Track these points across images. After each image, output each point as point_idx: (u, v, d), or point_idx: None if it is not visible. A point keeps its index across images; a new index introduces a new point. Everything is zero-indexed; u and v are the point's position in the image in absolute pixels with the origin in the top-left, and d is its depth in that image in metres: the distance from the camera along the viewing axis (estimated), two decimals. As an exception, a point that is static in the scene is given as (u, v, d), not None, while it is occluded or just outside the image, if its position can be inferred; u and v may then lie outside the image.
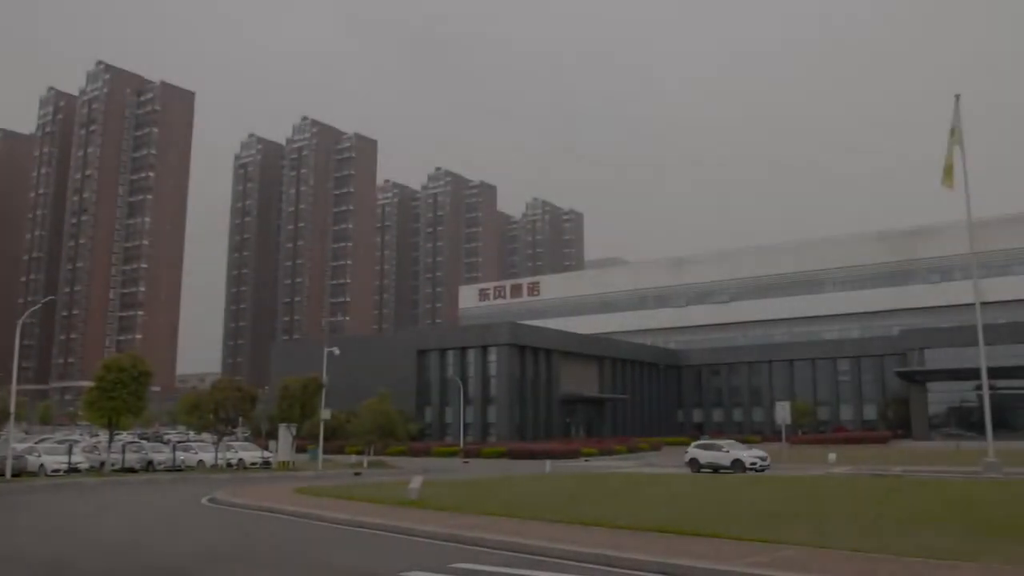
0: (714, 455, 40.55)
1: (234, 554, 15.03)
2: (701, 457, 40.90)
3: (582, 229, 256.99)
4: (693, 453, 41.72)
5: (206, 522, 20.52)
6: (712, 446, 42.26)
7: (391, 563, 13.40)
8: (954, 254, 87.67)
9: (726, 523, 16.25)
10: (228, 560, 14.27)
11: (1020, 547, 12.94)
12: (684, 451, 44.45)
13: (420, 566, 12.87)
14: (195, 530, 18.86)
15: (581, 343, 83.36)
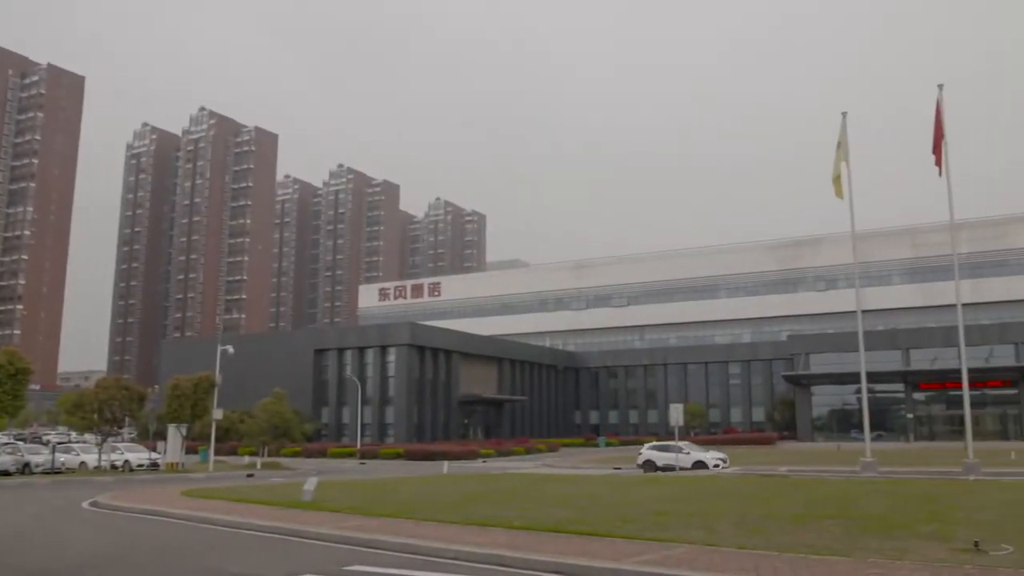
0: (673, 456, 39.54)
1: (115, 560, 14.41)
2: (658, 459, 39.91)
3: (484, 231, 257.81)
4: (648, 455, 40.64)
5: (86, 527, 19.62)
6: (670, 447, 41.17)
7: (282, 566, 13.12)
8: (839, 264, 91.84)
9: (621, 523, 16.53)
10: (108, 566, 13.69)
11: (892, 542, 13.61)
12: (577, 452, 44.79)
13: (313, 569, 12.64)
14: (73, 535, 18.01)
15: (481, 344, 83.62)
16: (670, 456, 39.71)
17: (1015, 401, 73.00)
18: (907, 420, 74.75)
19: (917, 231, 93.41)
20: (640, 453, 41.83)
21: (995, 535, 14.14)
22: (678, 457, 39.40)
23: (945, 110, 33.64)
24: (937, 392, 75.70)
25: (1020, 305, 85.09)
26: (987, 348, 73.45)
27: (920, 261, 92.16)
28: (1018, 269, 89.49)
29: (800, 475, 33.08)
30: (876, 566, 11.63)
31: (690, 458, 39.41)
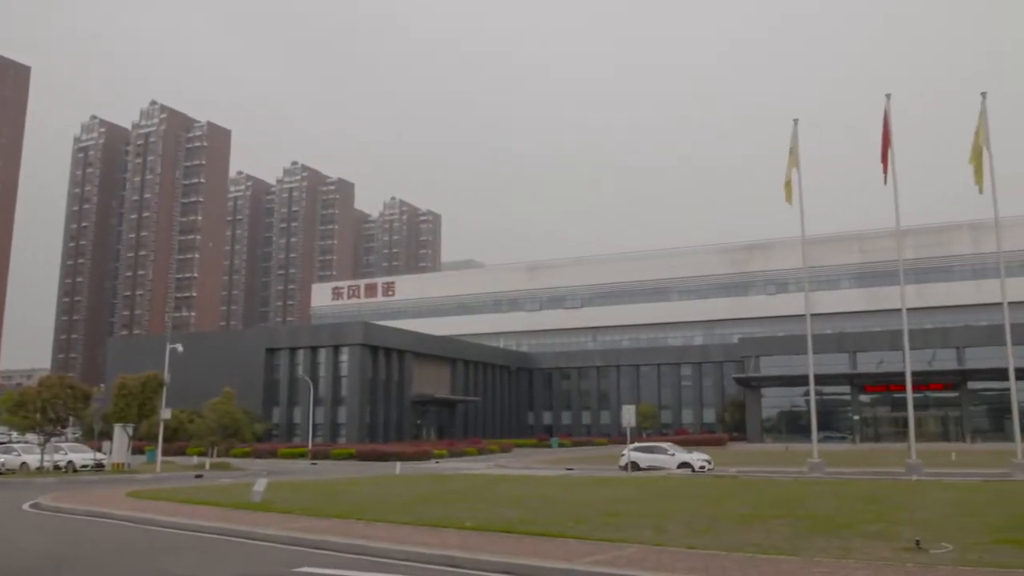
0: (657, 458, 39.43)
1: (56, 563, 14.07)
2: (641, 460, 39.50)
3: (440, 231, 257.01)
4: (632, 456, 40.05)
5: (26, 530, 19.15)
6: (654, 448, 41.10)
7: (230, 568, 12.95)
8: (789, 268, 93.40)
9: (573, 523, 16.61)
10: (49, 570, 13.36)
11: (837, 541, 13.88)
12: (530, 452, 44.70)
13: (261, 571, 12.50)
14: (13, 538, 17.56)
15: (435, 344, 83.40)
16: (654, 457, 39.52)
17: (956, 404, 74.88)
18: (853, 422, 76.26)
19: (865, 237, 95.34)
20: (622, 455, 41.24)
21: (936, 534, 14.51)
22: (663, 459, 39.18)
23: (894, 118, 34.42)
24: (882, 394, 77.36)
25: (961, 310, 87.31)
26: (930, 352, 75.21)
27: (868, 266, 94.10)
28: (959, 275, 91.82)
29: (749, 476, 33.55)
30: (822, 565, 11.86)
31: (675, 459, 39.12)
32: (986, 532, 14.90)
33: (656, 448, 41.14)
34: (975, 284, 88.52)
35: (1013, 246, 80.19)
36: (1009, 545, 13.31)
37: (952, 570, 11.43)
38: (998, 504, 19.95)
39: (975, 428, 73.42)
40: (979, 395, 74.95)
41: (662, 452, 40.10)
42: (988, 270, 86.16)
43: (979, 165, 32.80)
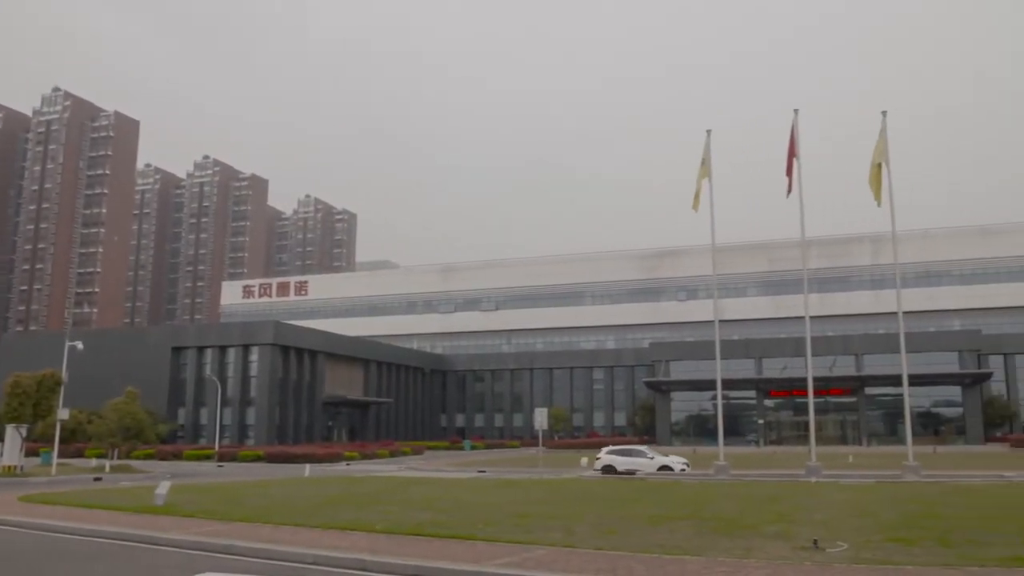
0: (636, 461, 38.65)
1: (-58, 569, 13.39)
2: (618, 464, 38.68)
3: (355, 230, 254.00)
4: (608, 460, 39.24)
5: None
6: (632, 452, 40.42)
7: (130, 575, 12.53)
8: (699, 275, 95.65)
9: (483, 526, 16.64)
10: (-66, 576, 12.72)
11: (740, 541, 14.28)
12: (442, 455, 44.50)
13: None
14: None
15: (348, 345, 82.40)
16: (633, 461, 38.71)
17: (854, 408, 77.88)
18: (758, 425, 78.51)
19: (772, 246, 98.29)
20: (598, 457, 40.30)
21: (832, 533, 15.09)
22: (642, 462, 38.57)
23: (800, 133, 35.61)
24: (785, 399, 79.87)
25: (861, 319, 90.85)
26: (831, 358, 78.04)
27: (774, 275, 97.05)
28: (859, 285, 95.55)
29: (658, 478, 34.18)
30: (724, 565, 12.19)
31: (654, 463, 38.50)
32: (879, 531, 15.56)
33: (634, 451, 40.36)
34: (874, 294, 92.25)
35: (909, 259, 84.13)
36: (899, 543, 13.94)
37: (846, 568, 11.91)
38: (890, 504, 20.84)
39: (871, 432, 76.51)
40: (875, 400, 78.13)
41: (641, 455, 39.32)
42: (886, 281, 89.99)
43: (878, 180, 34.22)
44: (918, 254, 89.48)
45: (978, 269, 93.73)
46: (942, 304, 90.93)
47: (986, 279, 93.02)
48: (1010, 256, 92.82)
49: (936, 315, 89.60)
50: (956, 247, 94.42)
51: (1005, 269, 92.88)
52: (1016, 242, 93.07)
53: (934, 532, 15.28)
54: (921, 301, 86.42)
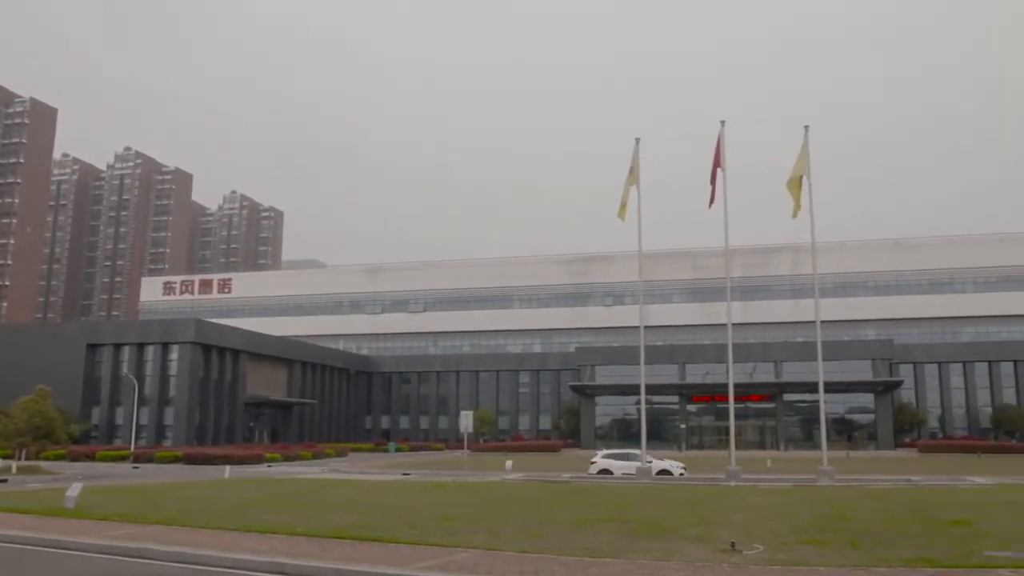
0: (632, 464, 37.62)
1: None
2: (615, 467, 37.92)
3: (281, 228, 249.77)
4: (604, 464, 38.41)
5: None
6: (628, 456, 39.69)
7: (37, 579, 12.08)
8: (626, 281, 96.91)
9: (407, 528, 16.56)
10: None
11: (661, 544, 14.52)
12: (367, 457, 44.01)
13: (72, 581, 11.73)
14: None
15: (272, 345, 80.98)
16: (630, 465, 37.67)
17: (773, 414, 79.92)
18: (680, 430, 79.91)
19: (698, 254, 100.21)
20: (593, 461, 39.34)
21: (750, 536, 15.46)
22: (638, 465, 37.39)
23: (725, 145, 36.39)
24: (707, 404, 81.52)
25: (781, 327, 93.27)
26: (751, 365, 79.98)
27: (699, 282, 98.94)
28: (779, 294, 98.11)
29: (581, 481, 34.47)
30: (645, 567, 12.38)
31: (652, 467, 37.41)
32: (793, 533, 16.00)
33: (631, 455, 39.44)
34: (793, 303, 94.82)
35: (826, 269, 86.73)
36: (812, 545, 14.37)
37: (761, 569, 12.23)
38: (805, 507, 21.44)
39: (788, 437, 78.63)
40: (793, 406, 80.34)
41: (638, 459, 37.82)
42: (805, 290, 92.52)
43: (797, 192, 35.24)
44: (835, 265, 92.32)
45: (891, 281, 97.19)
46: (857, 314, 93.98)
47: (899, 291, 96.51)
48: (921, 269, 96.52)
49: (851, 325, 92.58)
50: (871, 260, 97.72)
51: (916, 282, 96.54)
52: (926, 256, 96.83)
53: (845, 534, 15.78)
54: (837, 311, 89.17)
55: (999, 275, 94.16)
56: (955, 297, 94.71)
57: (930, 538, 15.31)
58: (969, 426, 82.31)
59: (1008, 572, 12.01)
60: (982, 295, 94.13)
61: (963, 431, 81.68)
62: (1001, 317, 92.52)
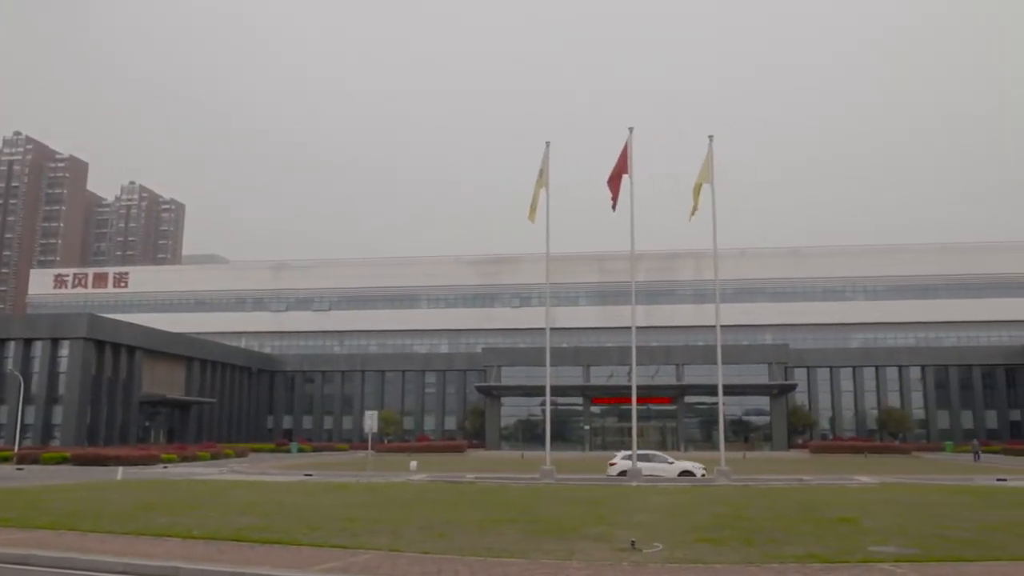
0: (656, 466, 37.46)
1: None
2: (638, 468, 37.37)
3: (182, 221, 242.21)
4: (624, 465, 37.44)
5: None
6: (652, 456, 39.18)
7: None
8: (534, 283, 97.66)
9: (308, 530, 16.32)
10: None
11: (563, 543, 14.69)
12: (268, 457, 43.08)
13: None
14: None
15: (170, 342, 78.37)
16: (653, 466, 37.55)
17: (673, 416, 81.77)
18: (584, 431, 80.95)
19: (605, 258, 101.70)
20: (613, 463, 38.57)
21: (649, 535, 15.80)
22: (663, 467, 37.67)
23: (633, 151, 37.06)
24: (611, 406, 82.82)
25: (682, 330, 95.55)
26: (654, 367, 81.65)
27: (605, 285, 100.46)
28: (683, 298, 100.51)
29: (485, 482, 34.57)
30: (547, 566, 12.52)
31: (674, 468, 37.53)
32: (692, 532, 16.44)
33: (653, 456, 39.40)
34: (696, 307, 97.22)
35: (728, 275, 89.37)
36: (709, 543, 14.80)
37: (660, 567, 12.53)
38: (702, 507, 22.04)
39: (689, 438, 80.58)
40: (693, 408, 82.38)
41: (661, 460, 38.29)
42: (707, 295, 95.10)
43: (697, 198, 36.27)
44: (736, 271, 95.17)
45: (788, 288, 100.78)
46: (756, 319, 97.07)
47: (795, 297, 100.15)
48: (816, 277, 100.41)
49: (750, 329, 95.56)
50: (770, 267, 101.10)
51: (811, 288, 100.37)
52: (822, 264, 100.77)
53: (740, 532, 16.31)
54: (737, 316, 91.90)
55: (887, 284, 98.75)
56: (847, 304, 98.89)
57: (819, 535, 15.97)
58: (857, 428, 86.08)
59: (889, 566, 12.65)
60: (871, 303, 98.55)
61: (851, 432, 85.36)
62: (888, 324, 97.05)
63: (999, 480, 37.61)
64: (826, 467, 49.43)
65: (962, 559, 13.32)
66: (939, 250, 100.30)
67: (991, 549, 14.31)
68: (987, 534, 16.25)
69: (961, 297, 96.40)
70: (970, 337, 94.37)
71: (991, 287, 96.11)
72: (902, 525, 17.72)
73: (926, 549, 14.26)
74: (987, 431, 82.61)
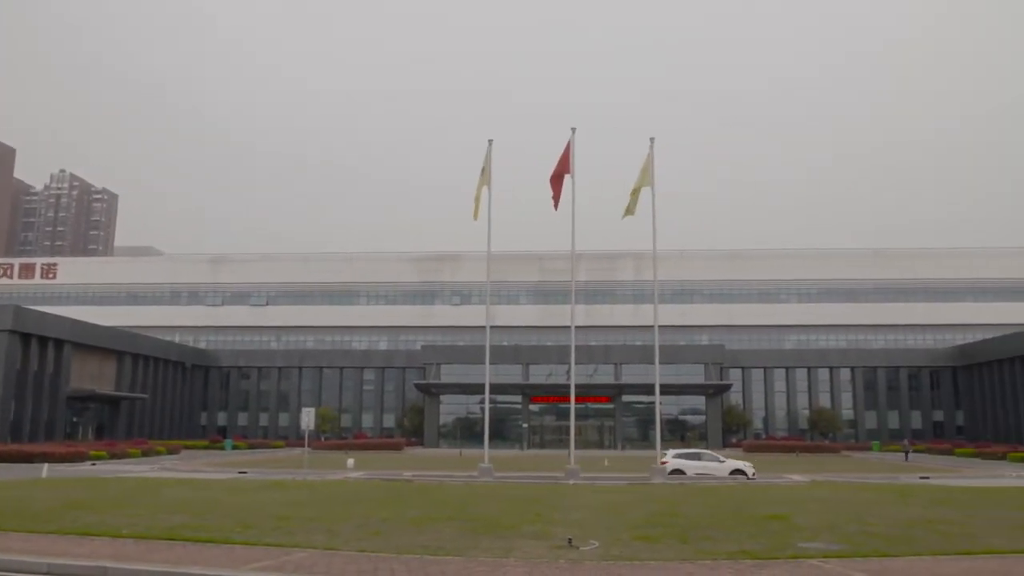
0: (707, 465, 37.95)
1: None
2: (687, 467, 37.72)
3: (115, 212, 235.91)
4: (677, 463, 37.94)
5: None
6: (701, 455, 39.44)
7: None
8: (474, 280, 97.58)
9: (242, 528, 16.07)
10: None
11: (500, 541, 14.73)
12: (201, 455, 42.30)
13: None
14: None
15: (100, 335, 76.27)
16: (704, 465, 38.02)
17: (611, 415, 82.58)
18: (523, 429, 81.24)
19: (545, 257, 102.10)
20: (664, 461, 38.09)
21: (586, 532, 15.93)
22: (714, 466, 38.00)
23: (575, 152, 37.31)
24: (550, 405, 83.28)
25: (621, 330, 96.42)
26: (593, 367, 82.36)
27: (545, 284, 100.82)
28: (622, 299, 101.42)
29: (423, 479, 34.46)
30: (484, 564, 12.53)
31: (725, 466, 37.92)
32: (627, 529, 16.63)
33: (704, 455, 39.77)
34: (634, 308, 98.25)
35: (667, 276, 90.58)
36: (644, 541, 14.99)
37: (596, 565, 12.65)
38: (638, 505, 22.30)
39: (626, 437, 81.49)
40: (631, 407, 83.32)
41: (711, 459, 38.78)
42: (646, 296, 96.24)
43: (634, 200, 36.72)
44: (675, 273, 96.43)
45: (725, 289, 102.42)
46: (693, 320, 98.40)
47: (731, 299, 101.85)
48: (752, 280, 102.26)
49: (688, 330, 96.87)
50: (708, 269, 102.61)
51: (747, 291, 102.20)
52: (758, 267, 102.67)
53: (675, 530, 16.55)
54: (675, 316, 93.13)
55: (820, 288, 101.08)
56: (781, 307, 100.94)
57: (751, 532, 16.30)
58: (789, 427, 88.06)
59: (817, 562, 12.99)
60: (804, 305, 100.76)
61: (784, 432, 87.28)
62: (820, 326, 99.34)
63: (922, 478, 38.91)
64: (759, 465, 50.33)
65: (886, 554, 13.74)
66: (871, 255, 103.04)
67: (913, 544, 14.79)
68: (910, 530, 16.79)
69: (891, 301, 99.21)
70: (898, 340, 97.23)
71: (919, 292, 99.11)
72: (831, 522, 18.18)
73: (853, 545, 14.67)
74: (912, 431, 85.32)
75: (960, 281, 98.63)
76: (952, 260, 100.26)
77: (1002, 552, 14.16)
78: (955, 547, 14.57)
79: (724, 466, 38.25)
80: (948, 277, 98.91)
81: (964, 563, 13.08)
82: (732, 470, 37.89)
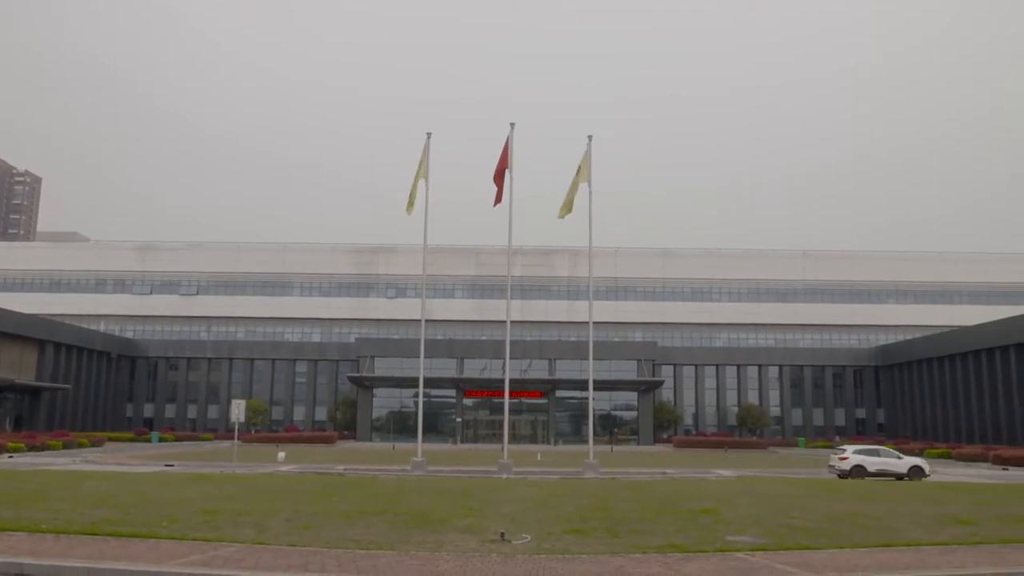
0: (887, 461, 38.59)
1: None
2: (868, 464, 38.33)
3: (38, 195, 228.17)
4: (857, 459, 38.54)
5: None
6: (880, 452, 39.64)
7: None
8: (410, 274, 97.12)
9: (168, 523, 15.74)
10: None
11: (432, 535, 14.72)
12: (127, 447, 41.27)
13: None
14: None
15: (19, 323, 73.73)
16: (884, 461, 38.71)
17: (545, 410, 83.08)
18: (456, 423, 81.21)
19: (481, 251, 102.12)
20: (844, 458, 38.87)
21: (518, 526, 16.02)
22: (893, 462, 38.59)
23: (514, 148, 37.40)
24: (484, 399, 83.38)
25: (556, 326, 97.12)
26: (527, 362, 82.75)
27: (481, 279, 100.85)
28: (557, 295, 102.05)
29: (355, 473, 34.22)
30: (416, 558, 12.51)
31: (904, 463, 38.48)
32: (559, 523, 16.76)
33: (882, 451, 40.18)
34: (569, 304, 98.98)
35: (602, 273, 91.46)
36: (576, 534, 15.14)
37: (528, 558, 12.73)
38: (570, 499, 22.50)
39: (559, 432, 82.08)
40: (564, 403, 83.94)
41: (889, 455, 39.37)
42: (580, 292, 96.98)
43: (571, 198, 37.02)
44: (609, 270, 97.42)
45: (659, 287, 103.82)
46: (627, 317, 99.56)
47: (665, 297, 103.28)
48: (685, 278, 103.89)
49: (621, 327, 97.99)
50: (642, 266, 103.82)
51: (680, 289, 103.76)
52: (690, 266, 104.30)
53: (606, 523, 16.75)
54: (609, 313, 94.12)
55: (749, 287, 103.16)
56: (712, 305, 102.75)
57: (681, 526, 16.60)
58: (719, 423, 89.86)
59: (744, 554, 13.29)
60: (735, 304, 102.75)
61: (714, 428, 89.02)
62: (749, 325, 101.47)
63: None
64: (689, 461, 51.38)
65: (809, 547, 14.15)
66: (800, 256, 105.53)
67: (835, 538, 15.26)
68: (833, 524, 17.31)
69: (818, 302, 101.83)
70: (824, 339, 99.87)
71: (846, 293, 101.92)
72: (757, 516, 18.61)
73: (778, 538, 15.06)
74: (836, 428, 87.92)
75: (883, 284, 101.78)
76: (875, 263, 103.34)
77: (919, 544, 14.71)
78: (875, 540, 15.07)
79: (902, 463, 38.95)
80: (872, 279, 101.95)
81: (882, 555, 13.54)
82: (911, 466, 38.55)
